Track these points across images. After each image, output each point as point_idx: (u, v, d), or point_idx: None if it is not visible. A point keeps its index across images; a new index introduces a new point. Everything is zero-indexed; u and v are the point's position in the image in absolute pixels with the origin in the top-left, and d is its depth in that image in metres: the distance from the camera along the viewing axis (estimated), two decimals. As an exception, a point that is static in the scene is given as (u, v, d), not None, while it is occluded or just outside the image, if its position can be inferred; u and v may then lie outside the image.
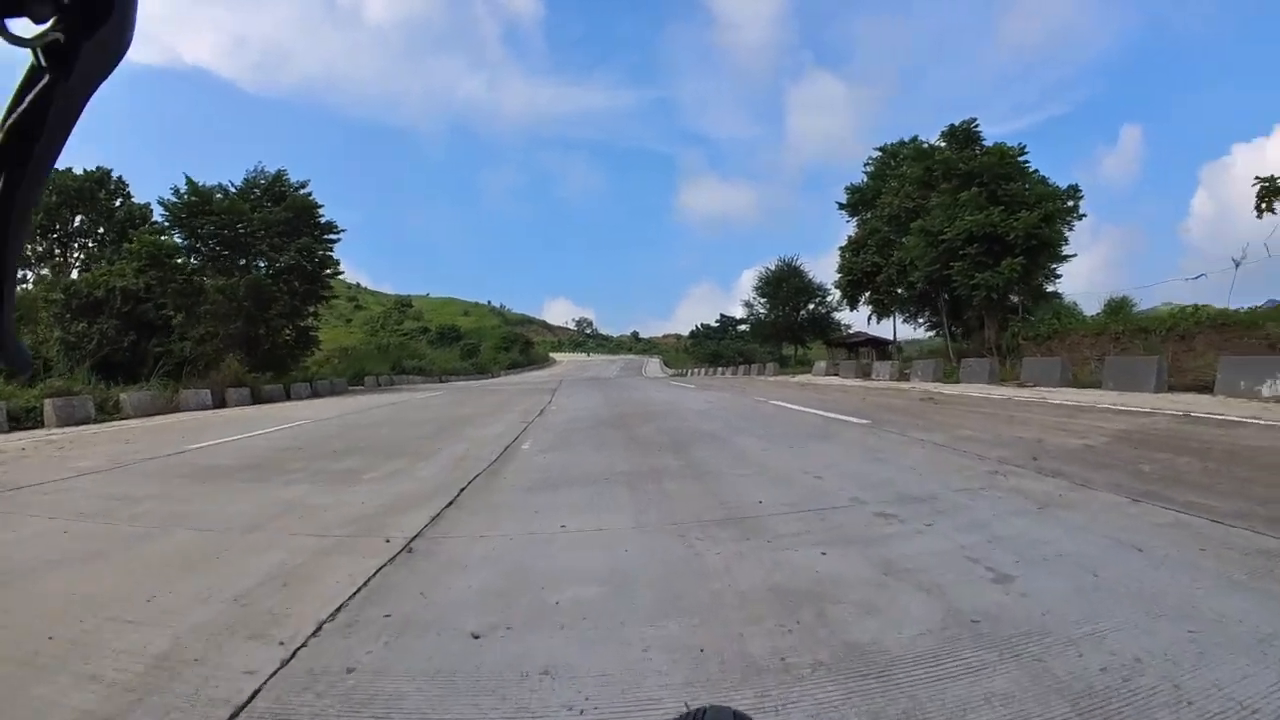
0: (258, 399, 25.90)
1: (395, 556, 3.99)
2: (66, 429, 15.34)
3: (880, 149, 41.47)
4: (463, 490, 6.02)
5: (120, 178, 37.34)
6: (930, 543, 3.82)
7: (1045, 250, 25.43)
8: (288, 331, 31.86)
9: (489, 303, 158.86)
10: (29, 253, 34.42)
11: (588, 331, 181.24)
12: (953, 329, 40.34)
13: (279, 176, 32.01)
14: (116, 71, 0.52)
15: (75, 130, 0.51)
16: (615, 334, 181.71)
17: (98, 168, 35.59)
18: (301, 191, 31.92)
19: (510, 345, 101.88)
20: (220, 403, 24.07)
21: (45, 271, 36.93)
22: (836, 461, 6.78)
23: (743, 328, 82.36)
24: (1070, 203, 27.14)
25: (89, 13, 0.44)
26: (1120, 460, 6.06)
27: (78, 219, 37.47)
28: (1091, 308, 31.93)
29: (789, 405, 13.41)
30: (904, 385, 20.09)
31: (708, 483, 5.90)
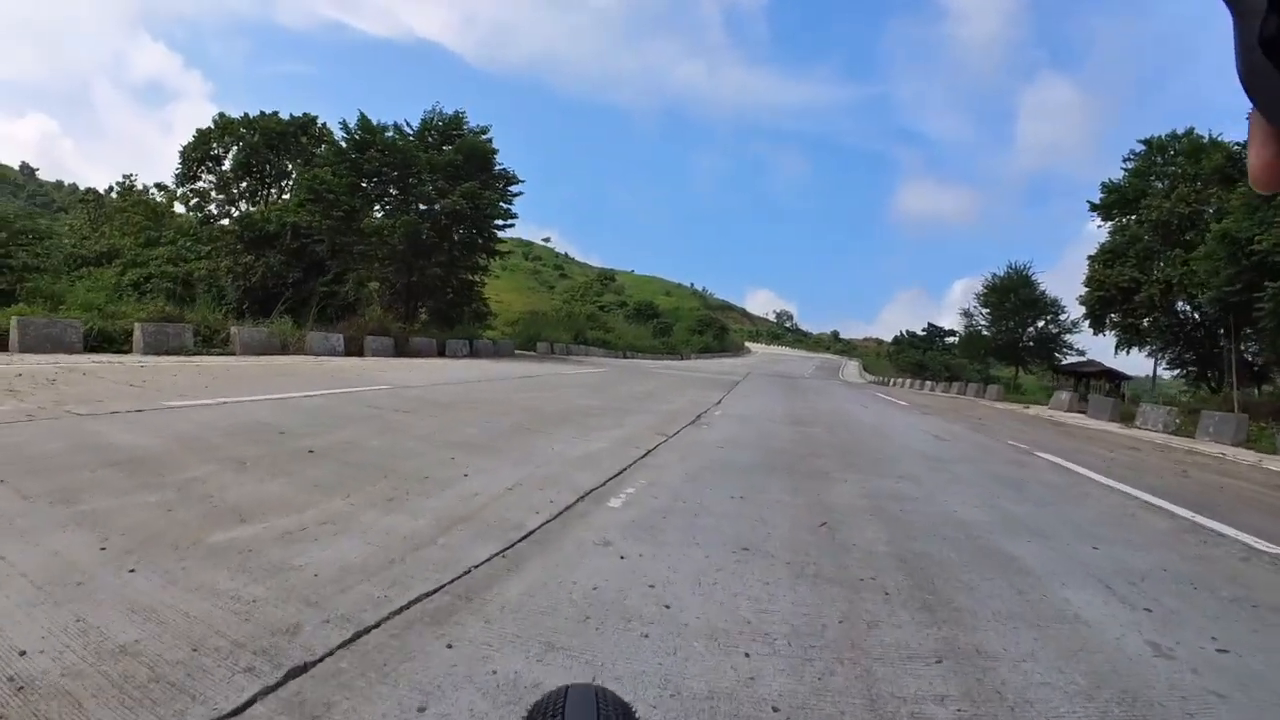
0: (402, 351, 23.19)
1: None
2: (147, 358, 13.43)
3: (1145, 141, 33.64)
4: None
5: (324, 124, 36.22)
6: None
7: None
8: (451, 282, 29.19)
9: (691, 285, 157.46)
10: (234, 190, 34.17)
11: (787, 325, 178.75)
12: (1209, 375, 32.13)
13: (456, 118, 29.17)
14: (348, 42, 0.32)
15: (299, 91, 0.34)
16: (814, 331, 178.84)
17: (304, 114, 34.55)
18: (482, 138, 29.00)
19: (705, 329, 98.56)
20: (357, 350, 21.48)
21: (246, 207, 36.86)
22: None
23: (951, 340, 76.30)
24: None
25: None
26: None
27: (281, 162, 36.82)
28: None
29: (1072, 467, 8.18)
30: (1211, 450, 13.76)
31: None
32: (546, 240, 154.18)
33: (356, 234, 25.64)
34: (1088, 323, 34.03)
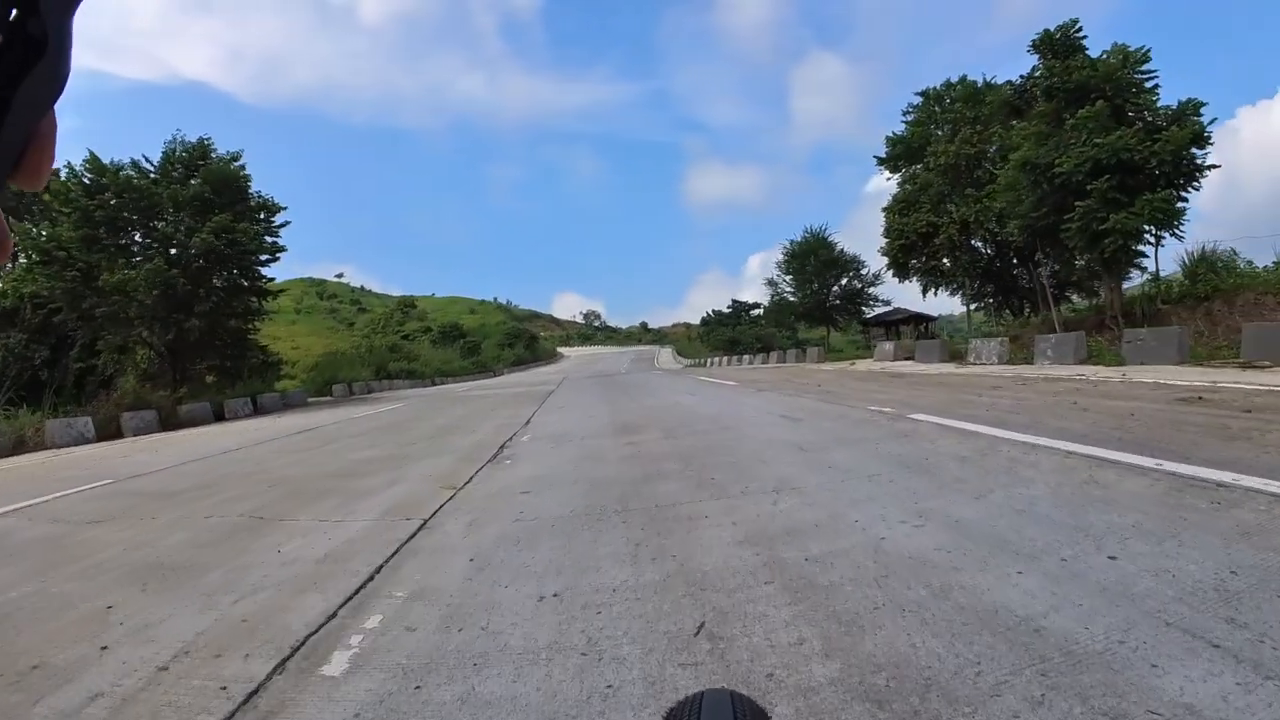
0: (169, 424, 19.89)
1: None
2: None
3: (922, 93, 35.37)
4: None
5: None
6: None
7: (1189, 182, 18.95)
8: (220, 335, 25.62)
9: (495, 300, 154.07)
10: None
11: (596, 324, 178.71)
12: (1014, 302, 34.28)
13: (201, 146, 25.54)
14: (110, 90, 0.34)
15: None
16: (624, 325, 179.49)
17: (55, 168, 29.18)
18: (233, 165, 25.57)
19: (514, 341, 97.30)
20: (113, 432, 18.16)
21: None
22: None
23: (757, 312, 78.24)
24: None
25: (22, 52, 0.42)
26: None
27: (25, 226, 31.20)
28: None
29: (962, 426, 7.07)
30: (1065, 373, 13.64)
31: None
32: (340, 276, 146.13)
33: (97, 294, 21.76)
34: (891, 272, 35.07)
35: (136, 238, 24.06)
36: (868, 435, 6.94)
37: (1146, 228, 18.44)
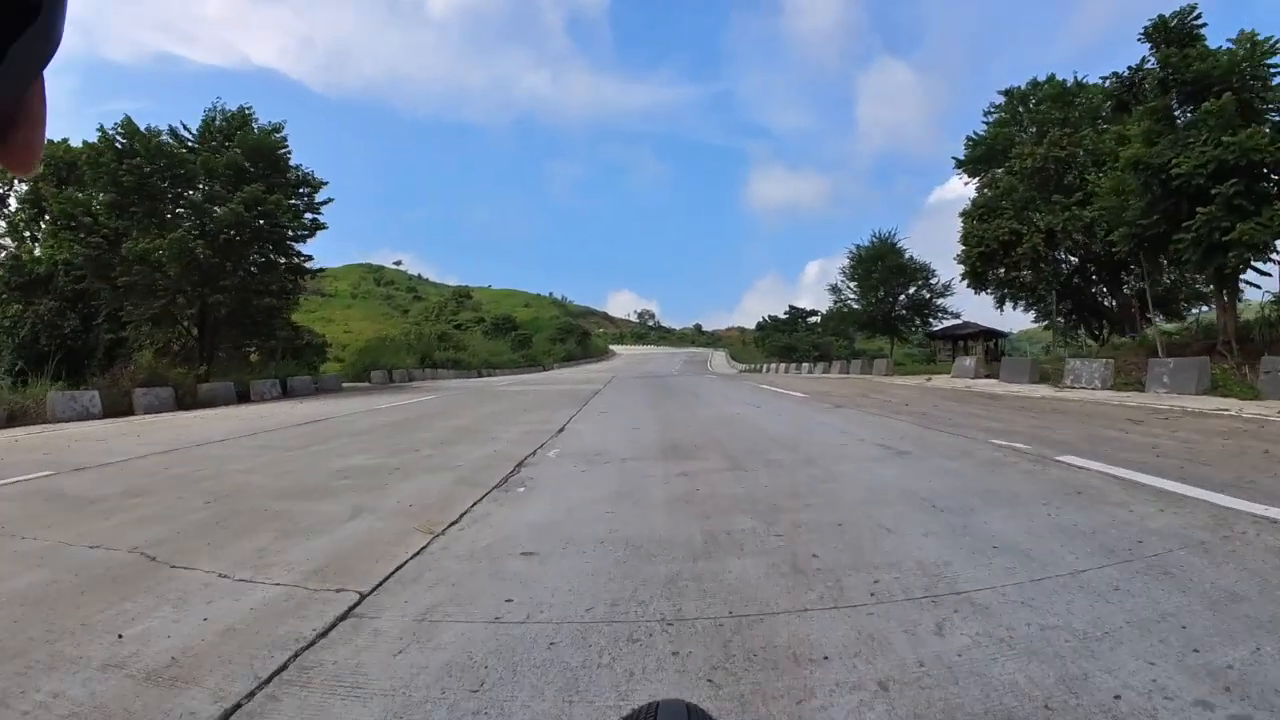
0: (186, 402, 18.62)
1: None
2: None
3: (1005, 92, 33.27)
4: None
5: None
6: None
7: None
8: (250, 312, 24.29)
9: (551, 295, 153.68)
10: (25, 233, 28.79)
11: (650, 324, 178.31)
12: (1094, 322, 31.76)
13: (241, 115, 24.21)
14: (182, 74, 0.35)
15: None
16: (678, 327, 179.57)
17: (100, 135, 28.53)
18: (275, 135, 24.25)
19: (566, 336, 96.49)
20: (124, 408, 16.92)
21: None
22: None
23: (814, 320, 75.93)
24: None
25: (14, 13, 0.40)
26: None
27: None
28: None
29: (1140, 479, 5.00)
30: (1205, 406, 11.36)
31: None
32: (398, 263, 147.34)
33: (124, 262, 20.59)
34: (965, 282, 32.50)
35: (170, 207, 22.84)
36: (1019, 488, 4.93)
37: (1277, 241, 16.04)
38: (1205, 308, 28.22)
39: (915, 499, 4.66)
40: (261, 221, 22.18)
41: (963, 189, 33.50)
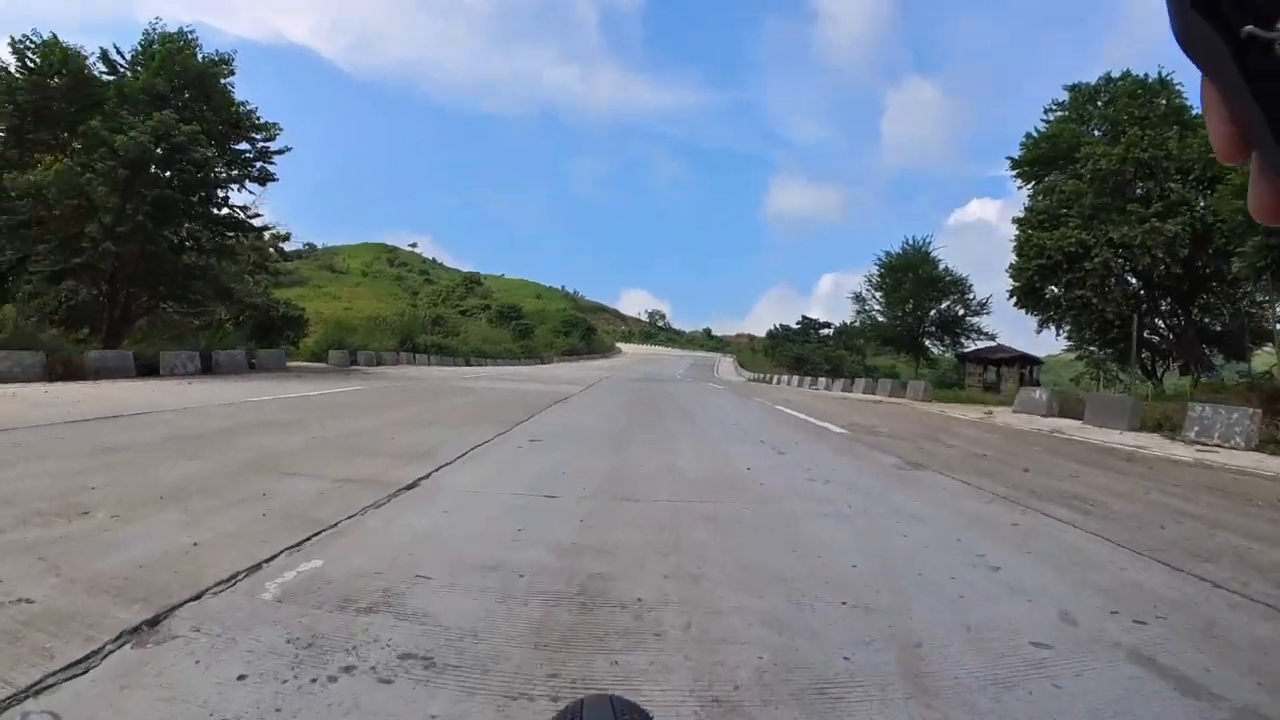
0: (62, 373, 14.75)
1: None
2: None
3: (1071, 88, 29.45)
4: None
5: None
6: None
7: None
8: (165, 267, 20.00)
9: (563, 288, 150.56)
10: None
11: (659, 324, 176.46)
12: (1146, 359, 27.98)
13: (182, 39, 20.18)
14: (219, 42, 0.33)
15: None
16: (687, 329, 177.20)
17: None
18: (221, 66, 20.19)
19: (571, 330, 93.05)
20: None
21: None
22: None
23: (826, 332, 75.63)
24: None
25: None
26: None
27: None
28: None
29: None
30: None
31: None
32: (414, 245, 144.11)
33: (3, 196, 16.68)
34: (1013, 300, 28.29)
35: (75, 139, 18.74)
36: None
37: None
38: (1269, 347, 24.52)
39: None
40: (177, 158, 17.88)
41: (981, 212, 29.94)
